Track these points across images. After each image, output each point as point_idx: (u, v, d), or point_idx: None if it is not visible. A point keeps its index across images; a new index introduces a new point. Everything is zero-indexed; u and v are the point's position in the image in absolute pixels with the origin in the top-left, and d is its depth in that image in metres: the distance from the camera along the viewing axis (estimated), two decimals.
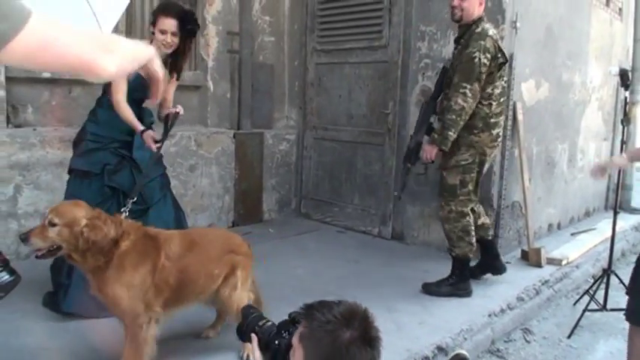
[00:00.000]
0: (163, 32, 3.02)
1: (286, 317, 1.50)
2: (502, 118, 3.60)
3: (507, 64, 3.89)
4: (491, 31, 3.43)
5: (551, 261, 4.33)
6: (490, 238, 3.87)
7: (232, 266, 2.59)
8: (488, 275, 3.92)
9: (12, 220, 3.68)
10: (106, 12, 2.80)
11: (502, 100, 3.54)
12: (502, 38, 4.11)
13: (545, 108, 4.78)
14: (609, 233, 5.23)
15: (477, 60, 3.30)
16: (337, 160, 5.29)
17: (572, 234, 5.22)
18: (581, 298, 3.90)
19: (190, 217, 4.66)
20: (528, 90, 4.50)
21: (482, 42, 3.33)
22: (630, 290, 2.64)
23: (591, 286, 3.76)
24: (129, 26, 4.48)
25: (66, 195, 3.09)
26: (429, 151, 3.49)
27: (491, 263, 3.86)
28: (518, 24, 4.15)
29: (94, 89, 4.16)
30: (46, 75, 3.95)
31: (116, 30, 3.22)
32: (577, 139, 5.47)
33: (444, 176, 3.58)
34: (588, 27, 5.37)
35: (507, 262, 4.31)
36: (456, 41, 3.61)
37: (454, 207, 3.56)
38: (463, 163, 3.49)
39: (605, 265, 4.75)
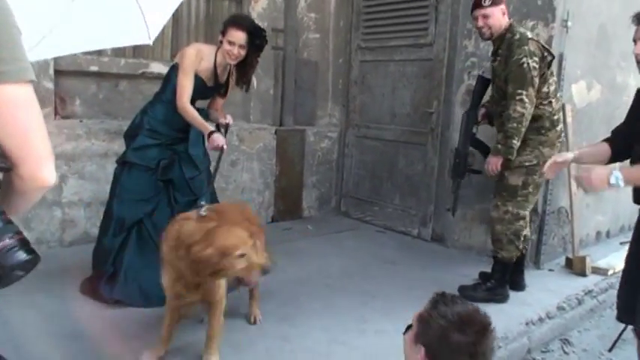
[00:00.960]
0: (231, 44, 3.10)
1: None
2: (561, 114, 3.54)
3: (555, 61, 3.80)
4: (529, 33, 3.36)
5: (597, 270, 4.15)
6: (525, 252, 3.76)
7: (250, 234, 2.60)
8: (529, 282, 3.81)
9: (56, 208, 3.82)
10: (155, 13, 2.86)
11: (559, 95, 3.51)
12: (551, 37, 3.99)
13: (597, 111, 4.58)
14: None
15: (525, 65, 3.23)
16: (379, 159, 5.24)
17: (621, 243, 4.97)
18: None
19: None
20: (579, 91, 4.32)
21: (526, 47, 3.26)
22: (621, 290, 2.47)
23: None
24: (174, 27, 4.57)
25: (117, 185, 3.22)
26: (494, 163, 3.38)
27: (513, 277, 3.72)
28: (569, 23, 3.99)
29: (140, 84, 4.30)
30: (94, 68, 4.08)
31: (162, 32, 3.33)
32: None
33: (505, 176, 3.45)
34: None
35: (550, 270, 4.20)
36: (494, 54, 3.52)
37: (511, 208, 3.46)
38: (527, 164, 3.41)
39: None
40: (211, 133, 3.08)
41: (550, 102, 3.40)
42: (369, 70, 5.31)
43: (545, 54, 3.35)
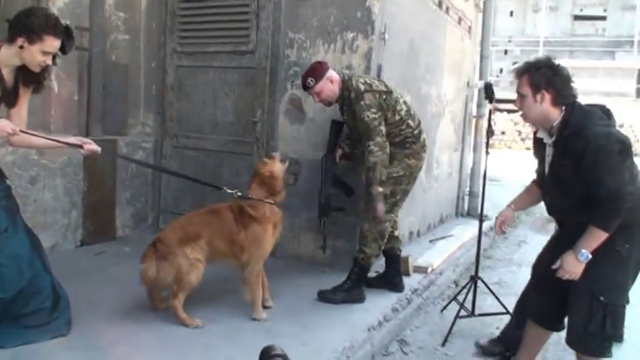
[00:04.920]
0: (47, 54, 2.56)
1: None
2: (421, 125, 3.77)
3: (374, 72, 4.15)
4: (362, 83, 3.54)
5: (418, 269, 4.43)
6: (399, 253, 3.99)
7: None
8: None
9: None
10: None
11: (412, 112, 3.72)
12: (371, 49, 4.15)
13: None
14: (465, 239, 5.59)
15: (366, 119, 3.47)
16: (201, 171, 4.94)
17: (430, 241, 5.42)
18: (448, 304, 4.02)
19: None
20: None
21: (362, 102, 3.50)
22: (528, 290, 2.98)
23: (458, 293, 3.89)
24: None
25: None
26: (377, 208, 3.53)
27: (392, 279, 3.96)
28: (386, 35, 4.19)
29: None
30: None
31: None
32: (433, 149, 5.71)
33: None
34: (444, 42, 5.65)
35: (376, 272, 4.34)
36: (341, 109, 3.74)
37: None
38: (395, 175, 3.64)
39: (465, 270, 5.04)
40: None
41: (407, 124, 3.65)
42: (187, 76, 5.00)
43: (382, 91, 3.58)
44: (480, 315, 3.74)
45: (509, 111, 19.49)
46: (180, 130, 5.08)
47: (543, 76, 2.43)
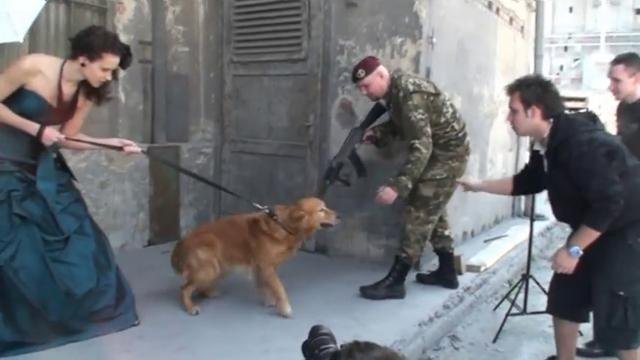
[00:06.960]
0: (106, 70, 2.78)
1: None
2: (466, 128, 3.86)
3: (423, 75, 4.19)
4: (411, 83, 3.62)
5: (471, 268, 4.47)
6: (451, 251, 4.07)
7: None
8: (414, 284, 4.03)
9: None
10: (21, 13, 2.59)
11: (457, 115, 3.80)
12: (419, 53, 4.25)
13: None
14: (519, 239, 5.55)
15: (413, 119, 3.56)
16: (257, 174, 5.18)
17: (485, 241, 5.43)
18: (501, 302, 4.05)
19: None
20: None
21: (410, 102, 3.58)
22: (550, 286, 2.95)
23: (510, 291, 3.92)
24: (32, 39, 4.09)
25: None
26: (389, 194, 3.55)
27: (445, 276, 4.04)
28: (434, 39, 4.28)
29: None
30: None
31: (17, 47, 2.99)
32: (486, 149, 5.73)
33: (418, 187, 3.72)
34: (495, 43, 5.66)
35: (429, 271, 4.43)
36: (387, 106, 3.80)
37: (422, 215, 3.76)
38: (438, 177, 3.72)
39: (519, 270, 5.02)
40: (41, 130, 2.69)
41: (452, 126, 3.74)
42: (243, 84, 5.25)
43: (430, 92, 3.66)
44: (532, 313, 3.75)
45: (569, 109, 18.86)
46: (238, 136, 5.33)
47: (534, 93, 2.57)
